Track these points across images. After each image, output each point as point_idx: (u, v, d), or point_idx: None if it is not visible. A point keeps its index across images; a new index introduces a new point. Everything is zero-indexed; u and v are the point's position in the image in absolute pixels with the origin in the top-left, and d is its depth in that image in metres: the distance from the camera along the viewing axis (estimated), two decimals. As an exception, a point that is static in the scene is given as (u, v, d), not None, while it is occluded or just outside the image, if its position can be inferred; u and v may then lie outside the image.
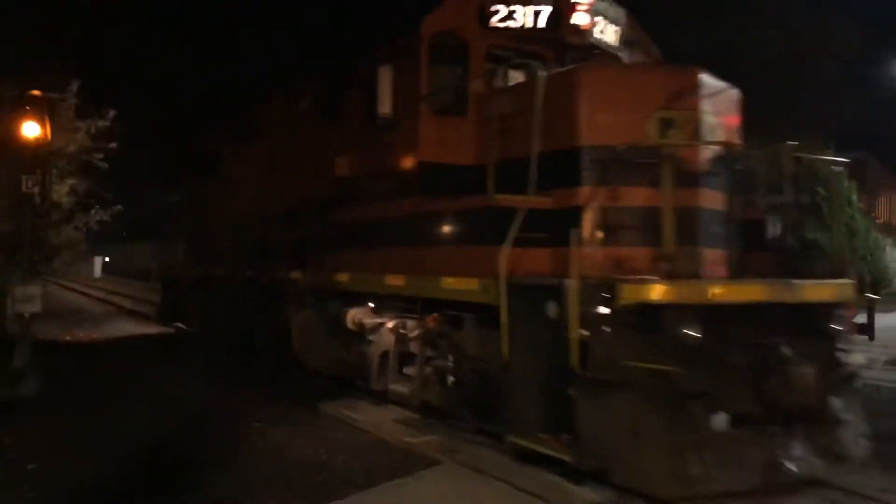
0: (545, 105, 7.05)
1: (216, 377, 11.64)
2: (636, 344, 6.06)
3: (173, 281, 18.30)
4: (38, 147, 13.97)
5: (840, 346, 6.73)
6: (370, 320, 9.27)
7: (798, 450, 6.43)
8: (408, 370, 8.93)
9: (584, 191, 6.91)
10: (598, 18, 8.81)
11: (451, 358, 8.03)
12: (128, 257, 63.87)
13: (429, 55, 8.43)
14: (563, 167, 7.02)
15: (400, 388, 8.85)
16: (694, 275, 6.72)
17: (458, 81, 8.37)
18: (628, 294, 6.11)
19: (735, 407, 6.04)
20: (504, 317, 6.87)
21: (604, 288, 6.23)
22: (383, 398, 9.03)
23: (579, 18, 8.52)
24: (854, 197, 23.72)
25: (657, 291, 6.06)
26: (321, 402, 9.69)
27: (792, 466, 6.33)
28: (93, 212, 23.34)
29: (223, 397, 10.22)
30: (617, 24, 9.08)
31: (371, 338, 9.29)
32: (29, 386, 10.67)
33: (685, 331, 5.95)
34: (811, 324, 6.67)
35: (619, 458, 6.16)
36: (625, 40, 9.16)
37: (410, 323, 8.75)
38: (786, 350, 6.33)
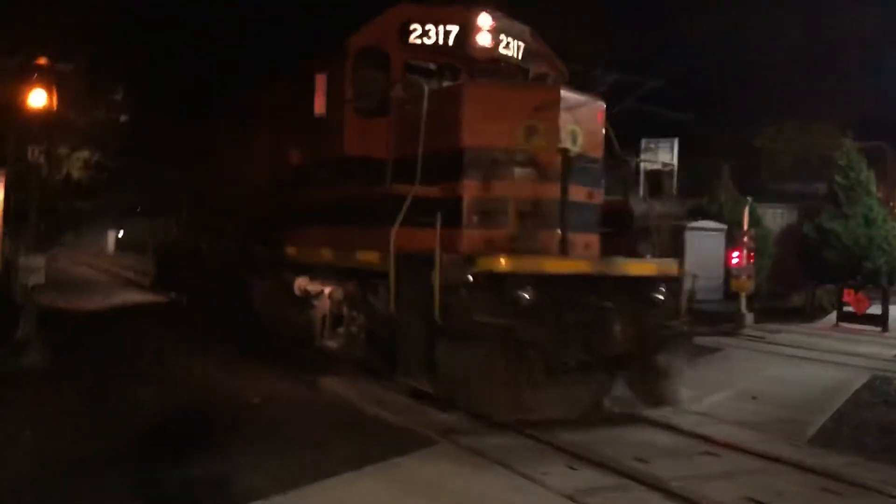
0: (438, 112, 8.77)
1: (210, 347, 12.51)
2: (485, 303, 7.74)
3: (166, 254, 19.94)
4: (44, 117, 13.47)
5: (664, 311, 8.44)
6: (312, 287, 10.73)
7: (620, 392, 8.51)
8: (340, 329, 10.41)
9: (465, 184, 8.64)
10: (502, 36, 10.37)
11: (364, 317, 9.65)
12: (141, 233, 65.20)
13: (353, 67, 10.04)
14: (449, 164, 8.68)
15: (332, 343, 10.30)
16: (536, 251, 8.43)
17: (381, 88, 9.90)
18: (481, 265, 7.89)
19: (565, 354, 7.79)
20: (391, 281, 8.55)
21: (463, 260, 8.00)
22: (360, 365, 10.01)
23: (482, 39, 10.19)
24: (873, 186, 23.68)
25: (501, 263, 7.86)
26: (321, 378, 9.96)
27: (611, 404, 8.53)
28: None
29: (222, 370, 10.63)
30: (520, 40, 10.64)
31: (314, 302, 10.74)
32: (32, 357, 10.84)
33: (521, 293, 7.70)
34: (642, 294, 8.46)
35: (469, 391, 7.85)
36: (529, 54, 10.67)
37: (339, 289, 10.27)
38: (608, 312, 7.99)
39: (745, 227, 19.49)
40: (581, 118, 8.93)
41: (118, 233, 72.38)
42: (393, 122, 9.52)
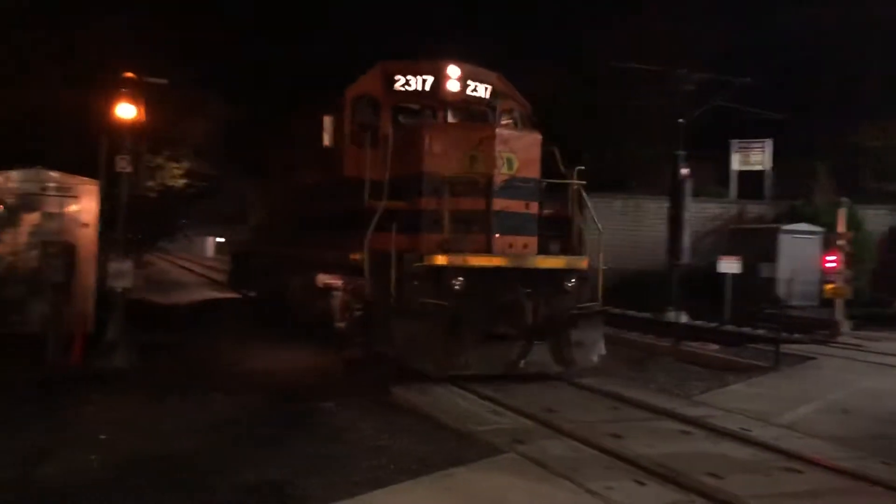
0: (405, 145, 11.48)
1: (285, 345, 13.48)
2: (428, 289, 10.48)
3: (237, 256, 24.04)
4: (133, 128, 13.70)
5: (575, 296, 11.20)
6: (330, 281, 12.71)
7: (535, 356, 11.01)
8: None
9: (423, 200, 11.17)
10: (469, 82, 12.88)
11: (361, 304, 11.77)
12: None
13: (351, 110, 12.73)
14: (413, 185, 11.29)
15: (342, 325, 12.26)
16: (467, 250, 10.80)
17: (373, 126, 12.38)
18: (426, 261, 10.64)
19: (487, 327, 10.62)
20: (366, 273, 11.04)
21: (413, 257, 10.75)
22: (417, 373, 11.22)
23: (451, 86, 12.75)
24: None
25: (439, 259, 10.60)
26: (393, 386, 10.29)
27: (525, 365, 10.92)
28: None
29: (297, 373, 11.25)
30: (487, 83, 13.18)
31: (333, 293, 12.65)
32: (119, 359, 11.53)
33: (454, 281, 10.42)
34: (555, 283, 11.17)
35: (414, 354, 10.45)
36: (496, 93, 13.09)
37: (346, 282, 12.29)
38: (521, 296, 10.70)
39: (842, 229, 18.40)
40: (517, 148, 11.38)
41: (218, 238, 75.19)
42: (381, 152, 11.65)
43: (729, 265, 18.75)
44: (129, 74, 13.60)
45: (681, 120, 21.31)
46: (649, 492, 6.78)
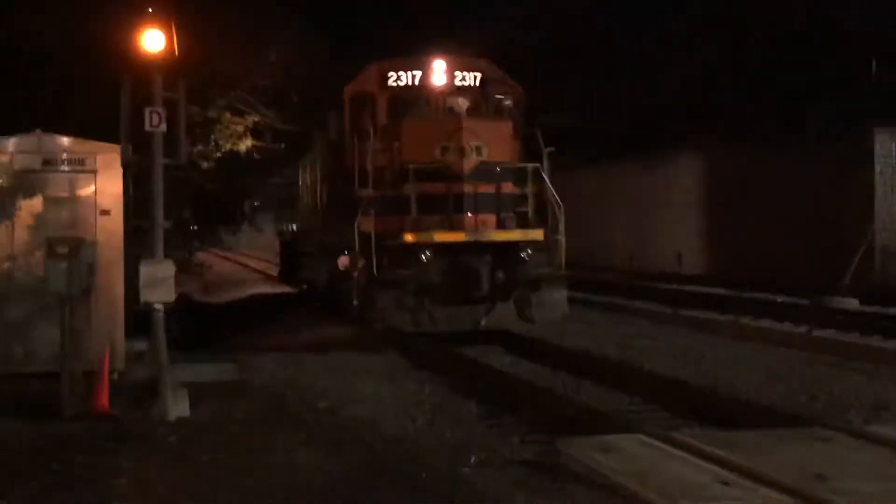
0: (388, 138, 14.07)
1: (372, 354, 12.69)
2: (401, 262, 13.20)
3: (287, 250, 24.84)
4: (164, 65, 10.12)
5: (532, 264, 13.57)
6: (350, 263, 14.16)
7: (497, 315, 13.61)
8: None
9: (401, 187, 13.64)
10: (457, 73, 14.87)
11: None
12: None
13: (349, 106, 14.95)
14: (391, 174, 13.79)
15: (356, 302, 13.95)
16: (440, 229, 13.38)
17: (368, 121, 14.40)
18: (399, 239, 13.22)
19: (455, 291, 13.29)
20: (356, 252, 13.43)
21: (389, 236, 13.31)
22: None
23: (437, 80, 14.82)
24: None
25: (408, 237, 13.17)
26: (567, 441, 7.03)
27: (484, 322, 13.61)
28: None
29: (401, 409, 9.12)
30: (476, 72, 15.09)
31: (353, 273, 14.03)
32: (160, 404, 8.69)
33: (422, 255, 13.05)
34: (513, 252, 13.56)
35: (391, 315, 13.22)
36: (486, 80, 15.05)
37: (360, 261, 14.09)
38: (477, 265, 13.37)
39: None
40: (486, 136, 13.74)
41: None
42: (366, 146, 13.90)
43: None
44: None
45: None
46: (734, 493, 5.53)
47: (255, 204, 28.77)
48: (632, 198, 30.33)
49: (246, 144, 20.32)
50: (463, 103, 14.31)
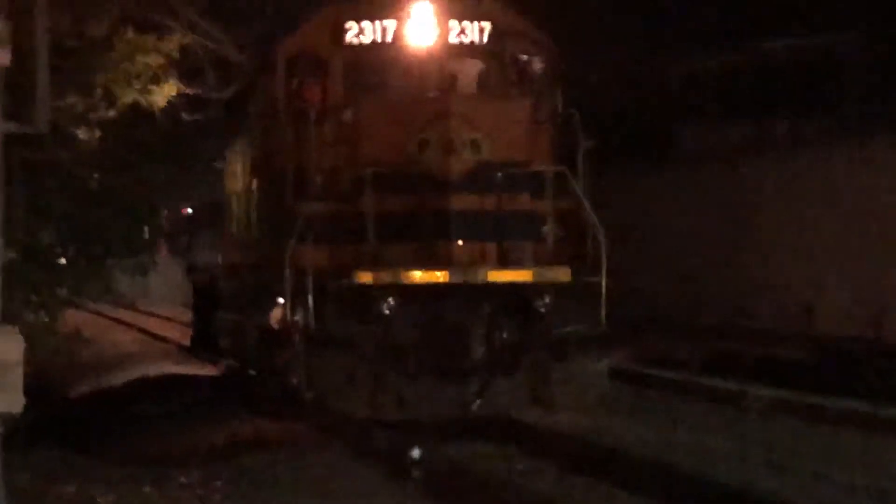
0: (337, 126, 10.82)
1: None
2: (354, 314, 9.71)
3: (203, 293, 19.22)
4: None
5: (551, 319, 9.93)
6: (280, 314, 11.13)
7: (495, 395, 10.06)
8: None
9: (352, 201, 10.32)
10: (453, 23, 10.97)
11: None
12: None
13: (286, 74, 11.29)
14: (338, 181, 10.63)
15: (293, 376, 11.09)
16: (414, 263, 9.94)
17: (313, 97, 11.08)
18: (351, 278, 9.72)
19: (433, 358, 9.76)
20: (286, 297, 10.34)
21: (336, 274, 9.92)
22: None
23: (418, 33, 10.86)
24: None
25: (363, 276, 9.70)
26: None
27: (477, 406, 10.05)
28: None
29: None
30: (486, 20, 11.08)
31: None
32: None
33: (383, 304, 9.53)
34: (523, 302, 10.00)
35: (336, 394, 10.10)
36: (500, 33, 11.11)
37: None
38: (466, 322, 9.93)
39: None
40: (489, 122, 10.05)
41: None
42: (309, 136, 10.58)
43: None
44: None
45: None
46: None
47: (187, 212, 17.57)
48: (824, 208, 16.28)
49: (166, 93, 12.53)
50: (460, 71, 11.21)
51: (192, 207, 18.02)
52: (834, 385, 12.46)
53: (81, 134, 12.46)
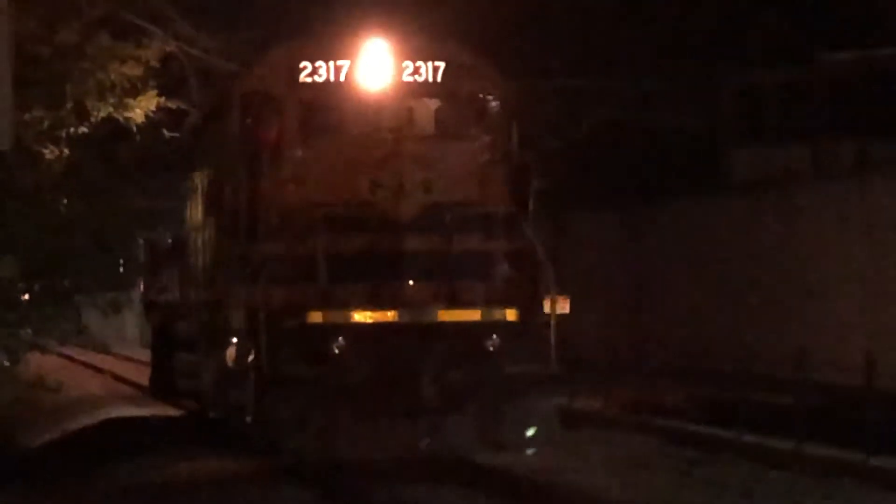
0: (289, 166, 11.27)
1: None
2: (303, 354, 10.18)
3: (162, 331, 19.06)
4: None
5: (501, 358, 10.36)
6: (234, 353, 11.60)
7: (445, 435, 10.47)
8: None
9: (304, 241, 10.78)
10: (406, 63, 11.34)
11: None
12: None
13: (241, 114, 11.66)
14: (290, 221, 10.95)
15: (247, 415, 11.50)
16: (364, 304, 10.48)
17: (266, 137, 11.48)
18: (300, 318, 10.19)
19: (383, 398, 10.16)
20: (233, 337, 11.15)
21: (285, 315, 10.28)
22: None
23: (372, 73, 11.24)
24: None
25: (312, 316, 10.14)
26: None
27: (426, 444, 10.45)
28: None
29: None
30: (438, 60, 11.47)
31: None
32: None
33: (333, 343, 10.04)
34: (473, 341, 10.39)
35: (284, 435, 10.35)
36: (453, 71, 11.49)
37: None
38: (417, 361, 10.27)
39: None
40: (441, 163, 10.69)
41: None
42: (262, 176, 11.19)
43: None
44: None
45: None
46: None
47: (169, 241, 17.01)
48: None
49: (144, 107, 12.44)
50: (414, 110, 11.40)
51: (148, 242, 17.30)
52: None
53: (48, 153, 12.03)
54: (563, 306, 11.12)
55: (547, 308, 10.65)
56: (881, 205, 14.42)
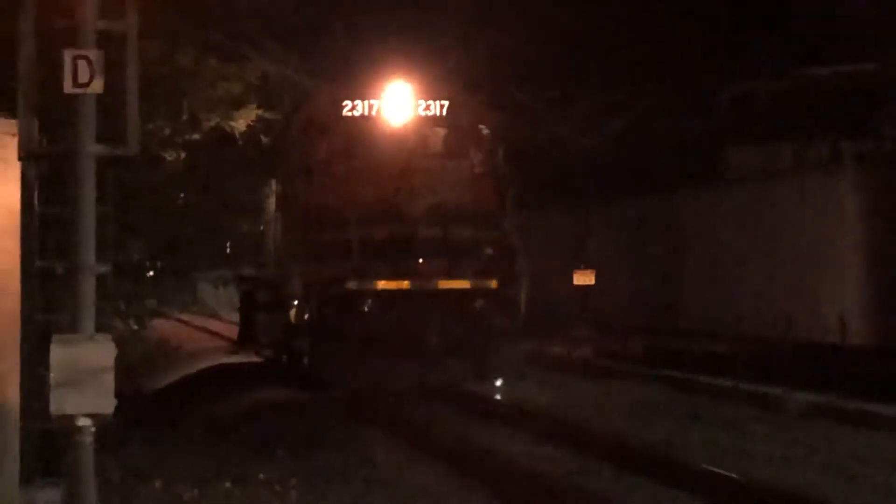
0: (335, 179, 15.23)
1: None
2: (342, 312, 14.00)
3: (247, 297, 22.31)
4: None
5: (484, 315, 14.12)
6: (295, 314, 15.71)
7: (446, 370, 14.28)
8: None
9: (345, 232, 14.61)
10: (420, 101, 14.85)
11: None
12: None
13: (301, 137, 15.98)
14: (335, 218, 14.91)
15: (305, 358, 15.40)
16: (386, 276, 14.10)
17: (320, 152, 15.36)
18: (342, 287, 13.90)
19: (398, 344, 13.63)
20: (297, 301, 15.25)
21: (330, 284, 14.03)
22: None
23: (395, 109, 14.89)
24: None
25: (349, 285, 13.86)
26: None
27: (434, 378, 14.21)
28: None
29: None
30: (444, 99, 14.92)
31: None
32: None
33: (364, 303, 13.88)
34: (466, 303, 14.19)
35: (326, 369, 14.33)
36: (456, 107, 15.06)
37: None
38: (423, 315, 13.89)
39: None
40: (441, 176, 14.54)
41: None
42: (314, 186, 15.01)
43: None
44: None
45: None
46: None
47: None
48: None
49: (246, 117, 13.14)
50: (426, 136, 14.73)
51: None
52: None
53: (168, 156, 13.25)
54: (590, 278, 16.62)
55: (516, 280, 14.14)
56: (852, 194, 16.44)
